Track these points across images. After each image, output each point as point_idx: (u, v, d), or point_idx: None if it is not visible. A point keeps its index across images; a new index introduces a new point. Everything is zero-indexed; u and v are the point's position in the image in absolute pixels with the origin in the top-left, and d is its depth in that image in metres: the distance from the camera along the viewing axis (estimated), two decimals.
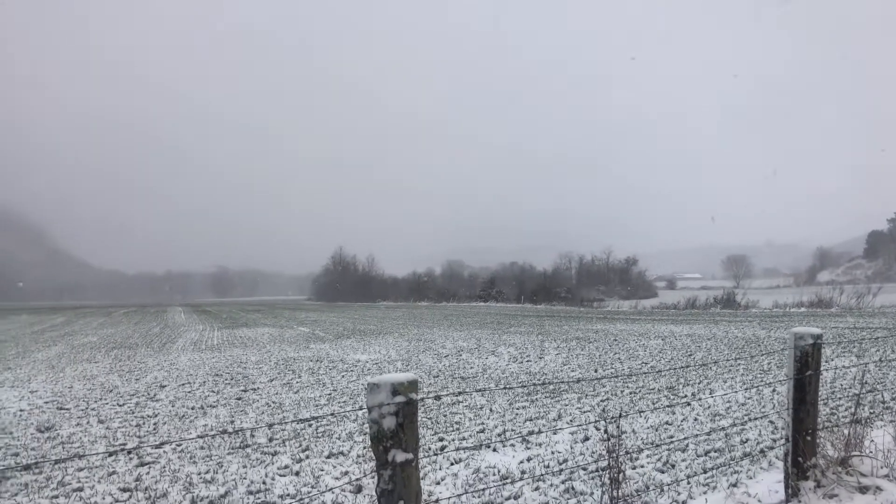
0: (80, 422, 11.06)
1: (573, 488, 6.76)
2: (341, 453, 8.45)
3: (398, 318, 47.31)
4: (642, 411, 9.73)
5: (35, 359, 21.74)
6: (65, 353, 23.42)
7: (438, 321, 42.29)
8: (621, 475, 4.84)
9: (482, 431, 9.53)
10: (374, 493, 6.68)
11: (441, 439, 9.07)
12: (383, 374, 3.44)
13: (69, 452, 8.99)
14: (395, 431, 3.32)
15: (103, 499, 6.85)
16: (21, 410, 12.24)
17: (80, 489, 7.21)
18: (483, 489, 6.80)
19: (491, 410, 11.02)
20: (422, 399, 5.06)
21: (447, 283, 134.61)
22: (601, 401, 11.74)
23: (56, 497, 6.95)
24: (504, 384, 14.39)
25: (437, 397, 5.82)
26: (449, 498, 6.45)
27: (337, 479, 7.38)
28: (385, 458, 3.32)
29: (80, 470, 7.98)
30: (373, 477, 7.15)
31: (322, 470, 7.72)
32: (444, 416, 10.62)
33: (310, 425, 10.04)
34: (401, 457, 3.32)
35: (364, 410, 8.43)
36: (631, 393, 12.51)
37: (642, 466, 7.46)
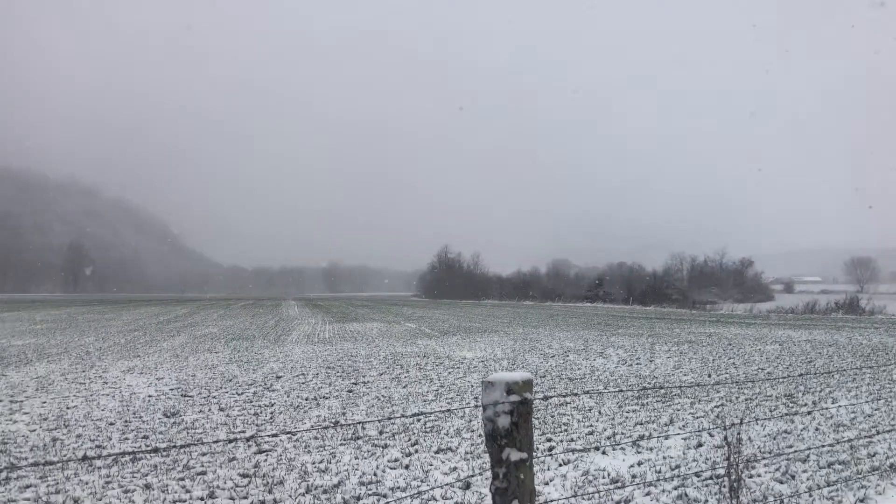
0: (203, 409, 11.65)
1: (686, 495, 6.59)
2: (449, 449, 8.55)
3: (503, 317, 47.33)
4: (759, 419, 9.37)
5: (161, 348, 23.03)
6: (188, 343, 24.70)
7: (544, 321, 42.04)
8: (740, 484, 4.69)
9: (591, 434, 9.42)
10: (482, 491, 6.73)
11: (549, 440, 9.03)
12: (498, 373, 3.46)
13: (193, 438, 9.49)
14: (510, 430, 3.34)
15: (225, 483, 7.19)
16: (149, 396, 13.00)
17: (204, 473, 7.60)
18: (593, 492, 6.73)
19: (600, 413, 10.88)
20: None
21: (552, 282, 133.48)
22: (714, 406, 11.38)
23: (182, 479, 7.34)
24: (613, 387, 14.17)
25: (546, 398, 5.80)
26: (558, 500, 6.41)
27: (446, 474, 7.48)
28: (500, 457, 3.35)
29: (204, 455, 8.40)
30: (481, 474, 7.21)
31: (431, 465, 7.84)
32: (552, 416, 10.57)
33: (419, 420, 10.21)
34: (515, 456, 3.34)
35: (471, 407, 8.50)
36: (746, 399, 12.07)
37: (759, 476, 7.19)
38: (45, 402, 12.18)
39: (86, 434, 9.67)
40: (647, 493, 6.71)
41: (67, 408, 11.68)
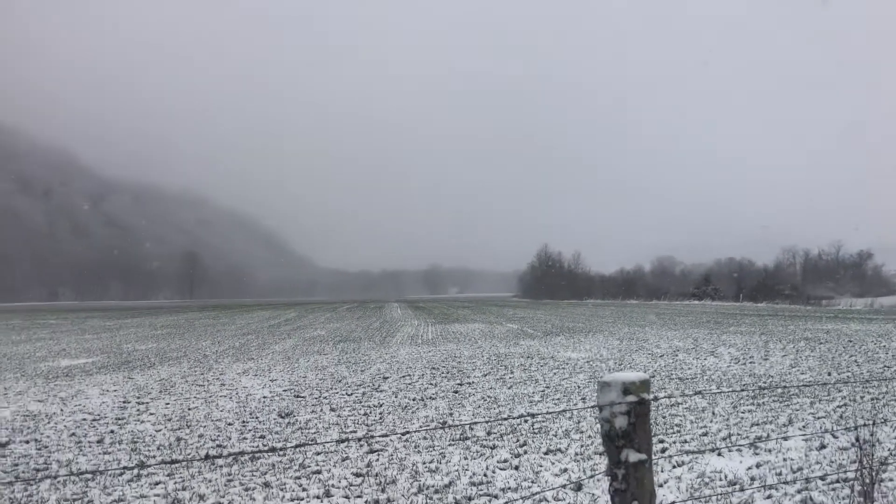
0: (315, 409, 11.99)
1: (811, 499, 6.30)
2: (559, 450, 8.48)
3: (607, 317, 46.56)
4: (888, 420, 8.85)
5: (273, 350, 23.86)
6: (298, 346, 25.49)
7: (650, 320, 41.10)
8: (873, 488, 4.43)
9: (705, 435, 9.13)
10: (594, 492, 6.64)
11: (661, 441, 8.81)
12: (614, 373, 3.41)
13: (307, 437, 9.78)
14: (627, 431, 3.29)
15: (339, 482, 7.38)
16: (264, 397, 13.49)
17: (318, 472, 7.82)
18: (710, 495, 6.52)
19: (713, 413, 10.54)
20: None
21: (657, 280, 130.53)
22: (837, 406, 10.83)
23: (298, 478, 7.58)
24: (726, 386, 13.70)
25: (655, 398, 5.66)
26: (674, 502, 6.25)
27: (556, 475, 7.41)
28: (618, 458, 3.29)
29: (318, 454, 8.65)
30: (593, 476, 7.11)
31: (541, 466, 7.79)
32: (663, 417, 10.31)
33: (526, 421, 10.17)
34: (634, 457, 3.27)
35: (579, 409, 8.40)
36: (873, 399, 11.41)
37: (891, 480, 6.79)
38: (168, 404, 12.83)
39: (207, 434, 10.13)
40: (769, 497, 6.44)
41: (189, 409, 12.26)
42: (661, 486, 6.91)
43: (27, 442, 9.84)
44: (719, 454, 8.10)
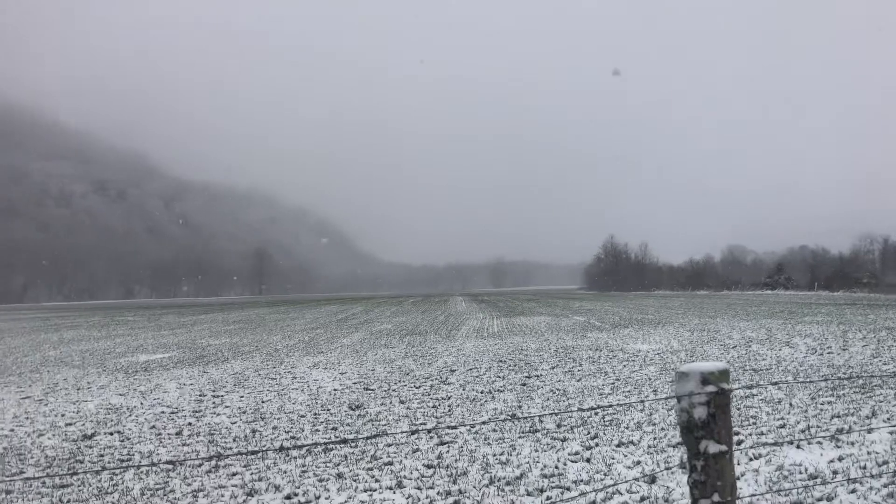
0: (384, 402, 12.11)
1: None
2: (631, 442, 8.36)
3: (676, 308, 45.70)
4: None
5: (342, 344, 24.21)
6: (365, 339, 25.80)
7: (721, 310, 40.17)
8: None
9: (782, 427, 8.88)
10: (669, 485, 6.53)
11: (736, 433, 8.60)
12: (692, 363, 3.34)
13: (378, 429, 9.89)
14: (707, 422, 3.21)
15: (411, 473, 7.44)
16: (335, 390, 13.70)
17: (390, 463, 7.90)
18: (790, 488, 6.34)
19: (791, 405, 10.23)
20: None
21: (728, 269, 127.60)
22: None
23: (371, 469, 7.67)
24: (803, 377, 13.29)
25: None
26: (752, 495, 6.10)
27: (629, 468, 7.32)
28: (697, 449, 3.22)
29: (389, 446, 8.74)
30: (668, 468, 7.00)
31: (613, 458, 7.70)
32: (738, 409, 10.06)
33: (596, 413, 10.06)
34: (713, 448, 3.20)
35: (652, 400, 8.25)
36: None
37: None
38: (242, 397, 13.15)
39: (280, 426, 10.34)
40: (853, 491, 6.23)
41: (262, 401, 12.55)
42: (738, 478, 6.74)
43: (111, 434, 10.23)
44: (798, 447, 7.86)
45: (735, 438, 8.32)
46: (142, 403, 12.83)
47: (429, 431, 9.14)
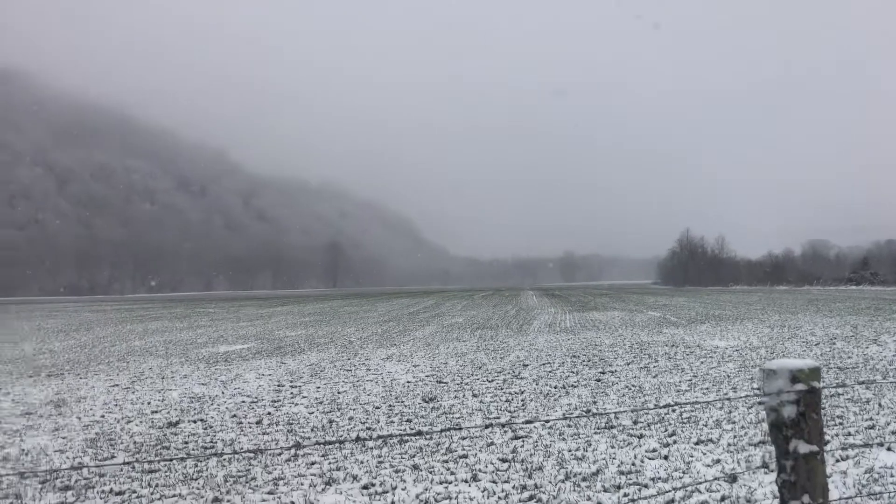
0: (458, 395, 12.18)
1: None
2: (710, 440, 8.19)
3: (754, 303, 44.42)
4: None
5: (414, 337, 24.43)
6: (437, 332, 25.97)
7: (802, 306, 38.86)
8: None
9: (871, 428, 8.55)
10: (751, 485, 6.38)
11: None
12: (780, 360, 3.25)
13: (451, 422, 9.95)
14: (796, 421, 3.12)
15: (486, 467, 7.46)
16: (408, 382, 13.84)
17: (465, 456, 7.94)
18: (880, 492, 6.10)
19: (880, 405, 9.84)
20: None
21: (809, 264, 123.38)
22: None
23: (446, 462, 7.73)
24: (893, 377, 12.75)
25: (820, 388, 5.34)
26: (839, 499, 5.90)
27: (708, 466, 7.17)
28: (786, 448, 3.14)
29: (463, 439, 8.78)
30: (749, 468, 6.83)
31: (692, 456, 7.56)
32: (823, 408, 9.71)
33: (673, 410, 9.88)
34: (804, 448, 3.11)
35: (732, 398, 8.06)
36: None
37: None
38: (318, 388, 13.42)
39: (356, 417, 10.52)
40: None
41: (338, 392, 12.78)
42: None
43: (194, 422, 10.59)
44: (889, 449, 7.56)
45: None
46: (223, 392, 13.24)
47: (503, 426, 9.14)
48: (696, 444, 8.09)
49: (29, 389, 14.46)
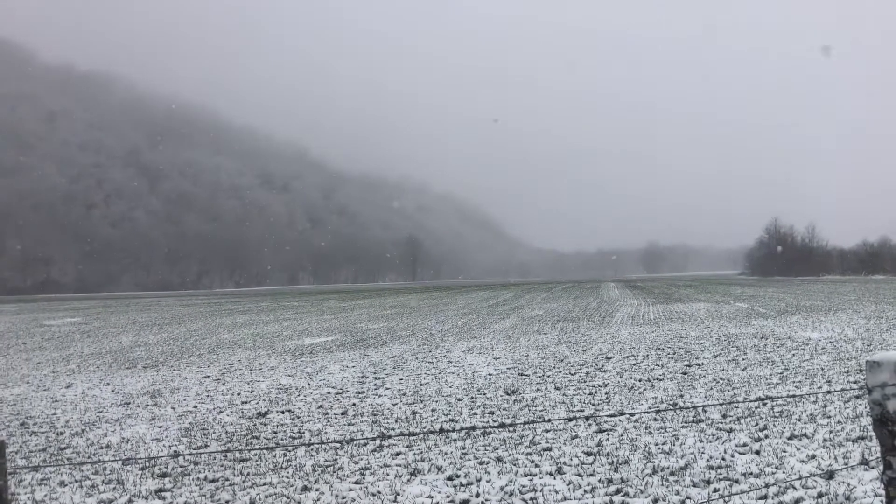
0: (540, 387, 12.12)
1: None
2: (804, 435, 7.90)
3: (848, 294, 42.57)
4: None
5: (494, 329, 24.43)
6: (517, 325, 25.89)
7: None
8: None
9: None
10: (849, 482, 6.14)
11: None
12: (885, 352, 3.11)
13: (534, 415, 9.92)
14: None
15: (570, 460, 7.41)
16: (490, 374, 13.86)
17: (549, 449, 7.90)
18: None
19: None
20: None
21: None
22: None
23: (530, 454, 7.71)
24: None
25: None
26: None
27: (803, 462, 6.92)
28: (891, 444, 3.00)
29: (547, 431, 8.74)
30: (847, 465, 6.56)
31: (784, 451, 7.31)
32: None
33: (764, 404, 9.58)
34: None
35: (827, 393, 7.74)
36: None
37: None
38: (401, 379, 13.59)
39: (439, 409, 10.61)
40: None
41: (420, 384, 12.91)
42: None
43: (282, 412, 10.88)
44: None
45: None
46: (309, 384, 13.55)
47: (587, 419, 9.06)
48: (790, 438, 7.82)
49: (127, 380, 15.16)
